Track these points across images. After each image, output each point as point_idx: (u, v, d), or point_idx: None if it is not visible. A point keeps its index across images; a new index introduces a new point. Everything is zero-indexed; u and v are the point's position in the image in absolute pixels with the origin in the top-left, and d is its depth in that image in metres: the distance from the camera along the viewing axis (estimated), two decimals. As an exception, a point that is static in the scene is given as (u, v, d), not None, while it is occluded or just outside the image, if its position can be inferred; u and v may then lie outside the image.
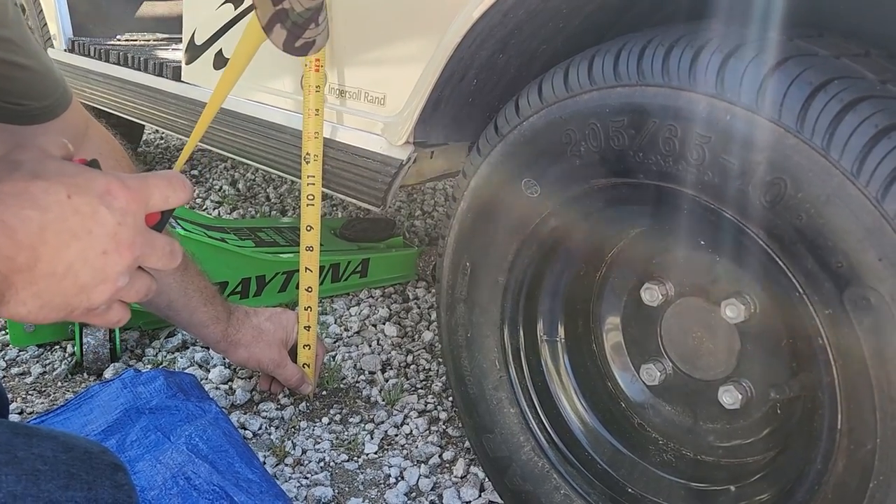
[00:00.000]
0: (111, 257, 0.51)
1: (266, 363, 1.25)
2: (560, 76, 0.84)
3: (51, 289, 0.50)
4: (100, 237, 0.50)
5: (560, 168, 0.84)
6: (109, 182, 0.51)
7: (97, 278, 0.51)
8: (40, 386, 1.35)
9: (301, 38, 0.98)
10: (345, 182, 1.20)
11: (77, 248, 0.50)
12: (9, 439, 0.74)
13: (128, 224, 0.52)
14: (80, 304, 0.52)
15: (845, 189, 0.63)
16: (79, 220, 0.49)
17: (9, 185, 0.49)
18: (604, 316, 1.00)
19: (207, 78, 1.50)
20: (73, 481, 0.75)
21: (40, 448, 0.75)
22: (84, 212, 0.50)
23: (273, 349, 1.24)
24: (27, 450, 0.74)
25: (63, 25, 2.08)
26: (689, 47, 0.73)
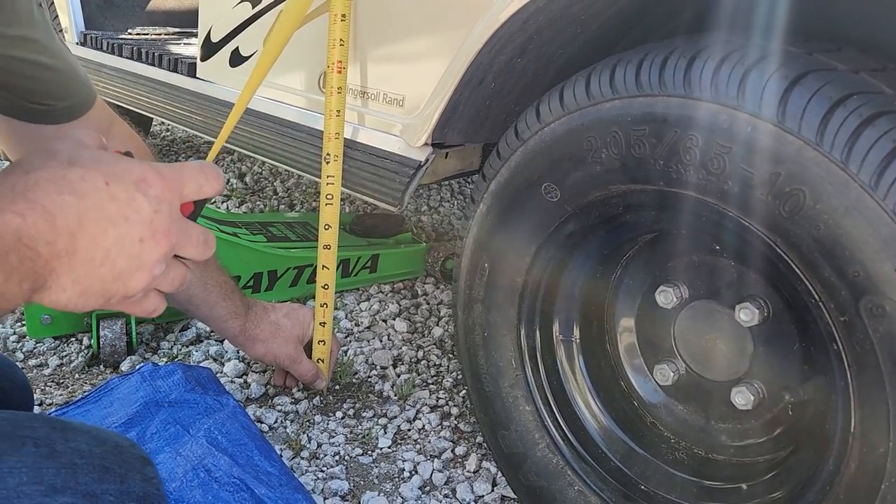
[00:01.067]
0: (147, 245, 0.51)
1: (283, 359, 1.27)
2: (582, 84, 0.86)
3: (90, 275, 0.50)
4: (136, 224, 0.50)
5: (580, 174, 0.86)
6: (145, 170, 0.51)
7: (134, 265, 0.51)
8: (58, 378, 1.38)
9: None
10: (362, 182, 1.22)
11: (114, 235, 0.49)
12: (47, 433, 0.76)
13: (163, 212, 0.51)
14: (117, 291, 0.52)
15: (863, 201, 0.65)
16: (116, 207, 0.49)
17: (47, 172, 0.49)
18: (618, 317, 1.02)
19: (223, 75, 1.51)
20: (107, 474, 0.77)
21: (76, 442, 0.78)
22: (121, 199, 0.49)
23: (290, 345, 1.26)
24: (64, 444, 0.77)
25: (75, 18, 2.09)
26: (710, 59, 0.75)
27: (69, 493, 0.72)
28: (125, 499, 0.78)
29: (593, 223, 0.91)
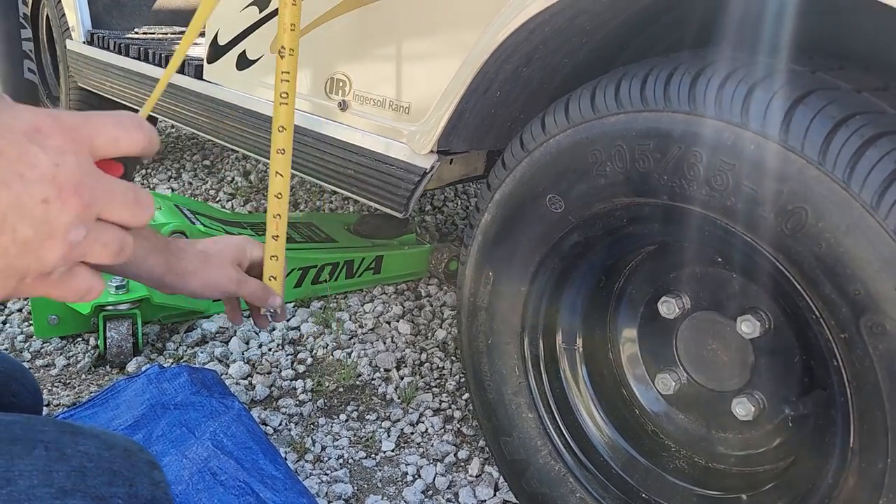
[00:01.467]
0: (53, 205, 0.42)
1: (225, 283, 1.05)
2: (587, 97, 0.86)
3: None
4: (34, 182, 0.41)
5: (584, 186, 0.87)
6: (39, 118, 0.43)
7: (41, 232, 0.42)
8: (65, 378, 1.39)
9: None
10: (368, 187, 1.23)
11: (7, 198, 0.41)
12: (57, 437, 0.77)
13: (68, 165, 0.42)
14: (27, 266, 0.42)
15: (865, 221, 0.66)
16: (4, 165, 0.41)
17: None
18: (621, 326, 1.03)
19: (230, 78, 1.52)
20: (116, 478, 0.78)
21: (85, 446, 0.79)
22: (9, 154, 0.41)
23: (227, 269, 1.06)
24: (74, 447, 0.78)
25: (82, 17, 2.09)
26: (715, 76, 0.75)
27: (79, 495, 0.73)
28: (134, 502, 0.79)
29: (597, 234, 0.92)
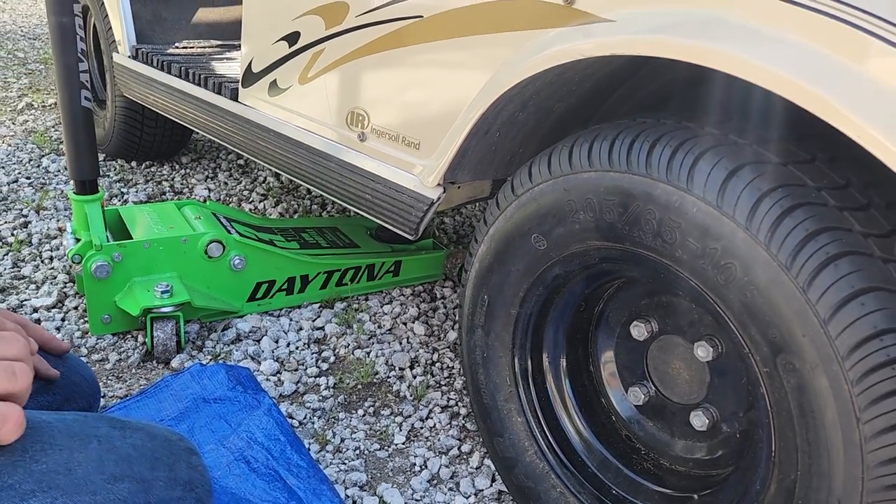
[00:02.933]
0: None
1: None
2: (566, 154, 1.01)
3: None
4: None
5: (563, 229, 1.02)
6: None
7: None
8: (118, 372, 1.58)
9: None
10: (383, 211, 1.38)
11: None
12: (108, 432, 0.94)
13: None
14: None
15: (780, 278, 0.79)
16: None
17: None
18: (600, 345, 1.17)
19: (262, 103, 1.68)
20: (158, 463, 0.95)
21: (132, 438, 0.96)
22: None
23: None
24: (122, 440, 0.95)
25: (127, 33, 2.27)
26: (668, 146, 0.89)
27: (127, 480, 0.89)
28: (173, 484, 0.96)
29: (575, 269, 1.06)
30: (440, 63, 1.22)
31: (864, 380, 0.76)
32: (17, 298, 1.79)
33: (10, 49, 4.52)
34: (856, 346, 0.76)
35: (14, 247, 2.05)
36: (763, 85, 0.78)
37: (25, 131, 3.09)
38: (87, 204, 1.65)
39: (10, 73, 4.02)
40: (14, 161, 2.72)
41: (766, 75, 0.77)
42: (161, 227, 1.73)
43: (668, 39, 0.85)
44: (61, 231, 2.17)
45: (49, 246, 2.08)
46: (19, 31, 5.16)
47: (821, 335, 0.77)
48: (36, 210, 2.30)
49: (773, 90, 0.77)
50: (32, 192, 2.45)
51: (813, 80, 0.75)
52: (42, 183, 2.54)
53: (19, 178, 2.56)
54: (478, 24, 1.13)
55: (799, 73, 0.76)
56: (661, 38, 0.86)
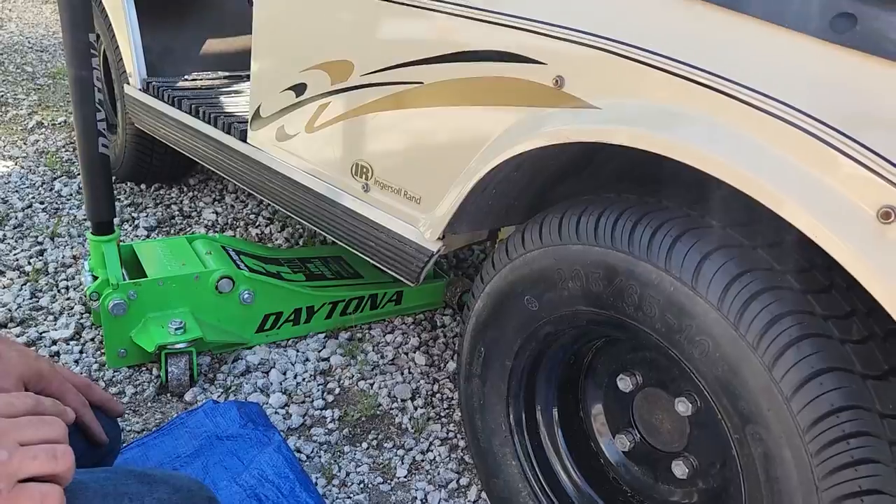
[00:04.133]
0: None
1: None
2: (556, 224, 1.08)
3: None
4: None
5: (553, 294, 1.10)
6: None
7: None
8: (134, 405, 1.66)
9: None
10: (386, 258, 1.46)
11: None
12: (138, 489, 1.02)
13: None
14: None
15: (748, 356, 0.87)
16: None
17: None
18: (589, 394, 1.25)
19: (270, 146, 1.76)
20: (183, 516, 1.03)
21: (159, 492, 1.04)
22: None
23: (8, 380, 1.08)
24: (150, 495, 1.03)
25: (138, 66, 2.34)
26: (648, 227, 0.97)
27: None
28: (197, 534, 1.04)
29: (565, 328, 1.14)
30: (439, 126, 1.29)
31: (822, 452, 0.84)
32: (36, 331, 1.87)
33: (18, 63, 4.59)
34: (815, 422, 0.84)
35: (32, 276, 2.13)
36: (728, 182, 0.86)
37: (37, 152, 3.16)
38: (104, 244, 1.73)
39: (19, 88, 4.09)
40: (27, 185, 2.80)
41: (731, 174, 0.85)
42: (174, 264, 1.81)
43: (647, 134, 0.93)
44: (76, 259, 2.25)
45: (65, 275, 2.16)
46: (26, 42, 5.22)
47: (784, 410, 0.85)
48: (51, 237, 2.38)
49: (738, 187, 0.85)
50: (46, 218, 2.53)
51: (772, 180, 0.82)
52: (55, 208, 2.62)
53: (33, 202, 2.64)
54: (474, 96, 1.21)
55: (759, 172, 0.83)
56: (641, 131, 0.94)
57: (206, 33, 2.53)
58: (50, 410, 0.83)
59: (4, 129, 3.46)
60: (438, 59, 1.25)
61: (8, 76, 4.32)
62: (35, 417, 0.78)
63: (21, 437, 0.72)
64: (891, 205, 0.76)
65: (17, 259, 2.22)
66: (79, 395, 1.14)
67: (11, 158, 3.07)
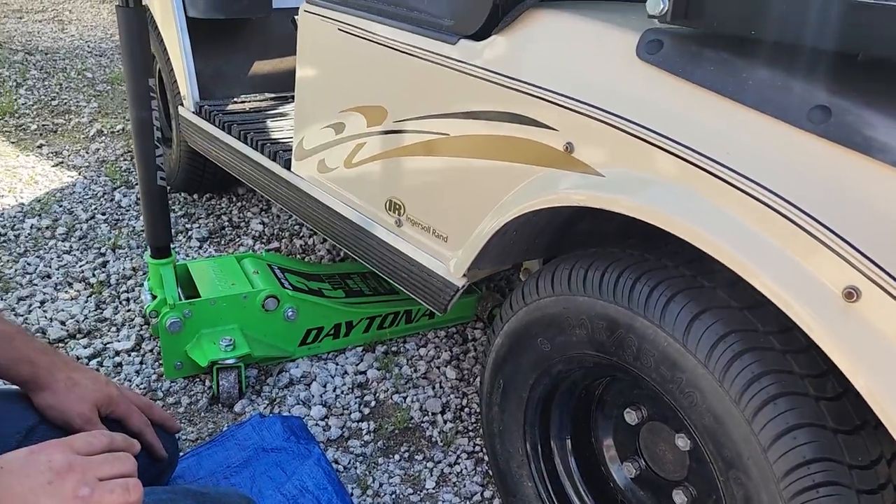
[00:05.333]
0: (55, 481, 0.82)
1: (74, 418, 1.18)
2: (565, 276, 1.19)
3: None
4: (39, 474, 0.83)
5: (562, 338, 1.21)
6: None
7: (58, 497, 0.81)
8: (189, 415, 1.83)
9: None
10: (416, 289, 1.58)
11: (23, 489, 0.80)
12: (195, 508, 1.17)
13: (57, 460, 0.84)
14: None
15: (731, 409, 0.97)
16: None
17: None
18: (599, 423, 1.36)
19: (311, 176, 1.89)
20: (232, 530, 1.18)
21: (212, 510, 1.18)
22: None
23: (84, 406, 1.19)
24: (205, 513, 1.17)
25: (192, 89, 2.50)
26: (647, 285, 1.07)
27: None
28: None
29: (574, 367, 1.25)
30: (464, 175, 1.41)
31: (795, 499, 0.93)
32: (101, 342, 2.05)
33: (79, 69, 4.83)
34: (789, 472, 0.93)
35: (96, 288, 2.32)
36: (714, 255, 0.95)
37: (98, 161, 3.37)
38: (161, 266, 1.90)
39: (80, 95, 4.32)
40: (90, 195, 3.00)
41: (716, 250, 0.95)
42: (224, 284, 1.97)
43: (643, 207, 1.03)
44: (135, 271, 2.43)
45: (126, 287, 2.34)
46: (86, 46, 5.47)
47: (762, 459, 0.95)
48: (112, 248, 2.57)
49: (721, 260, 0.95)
50: (108, 230, 2.72)
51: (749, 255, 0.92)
52: (116, 219, 2.81)
53: (95, 213, 2.84)
54: (494, 151, 1.31)
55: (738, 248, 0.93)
56: (638, 204, 1.04)
57: (254, 56, 2.67)
58: (122, 446, 0.98)
59: (69, 137, 3.68)
60: (462, 114, 1.36)
61: (71, 82, 4.56)
62: (110, 455, 0.92)
63: (100, 474, 0.87)
64: (854, 285, 0.85)
65: (83, 271, 2.42)
66: (142, 416, 1.30)
67: (75, 168, 3.28)
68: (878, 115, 0.87)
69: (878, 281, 0.83)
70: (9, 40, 5.45)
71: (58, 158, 3.38)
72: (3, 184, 3.07)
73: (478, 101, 1.33)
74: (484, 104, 1.31)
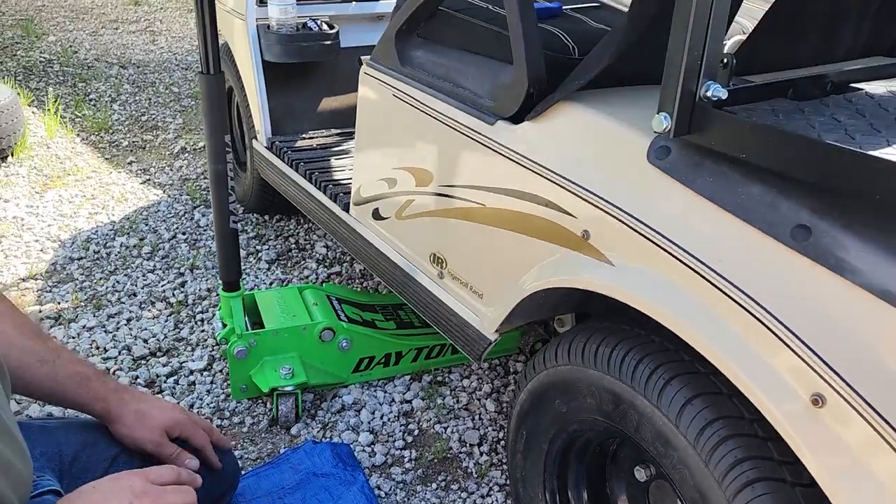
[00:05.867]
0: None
1: (147, 444, 1.37)
2: (579, 349, 1.32)
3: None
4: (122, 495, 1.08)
5: (576, 404, 1.33)
6: None
7: None
8: (251, 435, 2.03)
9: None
10: (455, 337, 1.73)
11: None
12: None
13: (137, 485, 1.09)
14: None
15: (714, 488, 1.08)
16: None
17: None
18: (612, 477, 1.48)
19: (367, 222, 2.06)
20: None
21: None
22: None
23: (155, 433, 1.38)
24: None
25: (265, 125, 2.71)
26: (648, 367, 1.19)
27: None
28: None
29: (588, 428, 1.38)
30: (497, 242, 1.55)
31: (767, 574, 1.04)
32: (178, 360, 2.29)
33: (167, 83, 5.16)
34: (763, 549, 1.04)
35: (175, 308, 2.56)
36: (701, 352, 1.07)
37: (181, 179, 3.65)
38: (231, 299, 2.11)
39: (167, 111, 4.64)
40: (172, 214, 3.27)
41: (703, 348, 1.06)
42: (286, 315, 2.17)
43: (642, 300, 1.15)
44: (210, 292, 2.66)
45: (201, 307, 2.58)
46: (174, 59, 5.83)
47: (740, 536, 1.06)
48: (190, 269, 2.82)
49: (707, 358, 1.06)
50: (187, 250, 2.97)
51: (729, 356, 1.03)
52: (195, 239, 3.06)
53: (177, 233, 3.10)
54: (524, 227, 1.45)
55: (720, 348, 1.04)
56: (638, 297, 1.16)
57: (322, 93, 2.87)
58: (186, 480, 1.17)
59: (155, 154, 3.99)
60: (497, 189, 1.50)
61: (159, 97, 4.89)
62: (176, 486, 1.12)
63: (167, 500, 1.08)
64: (820, 392, 0.95)
65: (164, 290, 2.67)
66: (204, 435, 1.50)
67: (160, 186, 3.57)
68: (854, 239, 0.97)
69: (842, 392, 0.94)
70: (105, 53, 5.85)
71: (145, 175, 3.68)
72: (97, 201, 3.38)
73: (510, 180, 1.47)
74: (515, 183, 1.45)
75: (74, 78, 5.16)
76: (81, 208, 3.30)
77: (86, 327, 2.44)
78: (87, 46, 6.02)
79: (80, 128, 4.25)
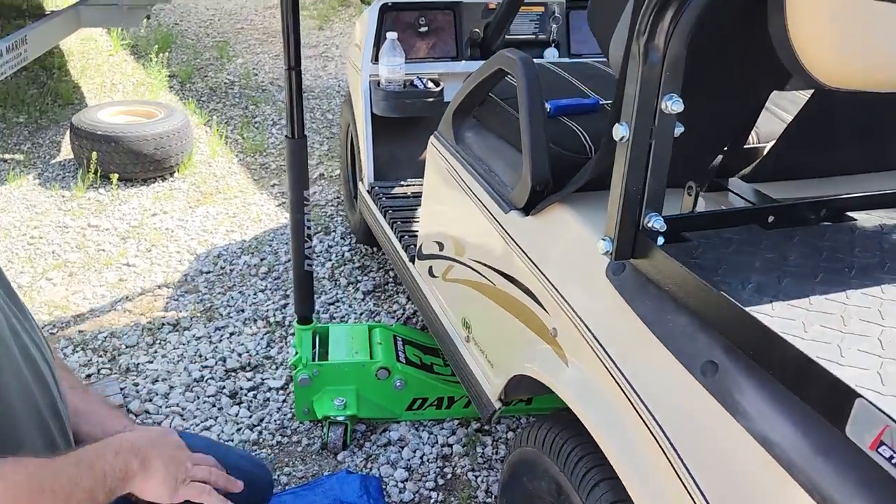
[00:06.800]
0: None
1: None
2: (542, 434, 1.42)
3: None
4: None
5: (535, 484, 1.44)
6: None
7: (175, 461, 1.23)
8: (304, 455, 2.28)
9: None
10: (473, 398, 1.88)
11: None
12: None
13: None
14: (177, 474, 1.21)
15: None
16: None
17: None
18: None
19: (423, 276, 2.25)
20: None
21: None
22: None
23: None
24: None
25: (368, 171, 2.99)
26: (585, 466, 1.27)
27: None
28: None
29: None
30: (498, 319, 1.68)
31: None
32: (260, 377, 2.60)
33: (324, 110, 5.66)
34: None
35: (272, 327, 2.89)
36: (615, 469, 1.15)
37: (311, 204, 4.03)
38: (303, 331, 2.38)
39: (316, 136, 5.10)
40: (294, 238, 3.64)
41: (617, 467, 1.14)
42: (350, 351, 2.41)
43: (578, 405, 1.24)
44: (305, 316, 2.97)
45: (293, 330, 2.88)
46: (337, 85, 6.34)
47: None
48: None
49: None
50: (297, 273, 3.32)
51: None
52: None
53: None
54: (517, 312, 1.57)
55: (624, 465, 1.11)
56: (577, 402, 1.25)
57: (423, 142, 3.09)
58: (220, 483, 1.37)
59: (295, 178, 4.42)
60: (503, 273, 1.63)
61: (313, 123, 5.38)
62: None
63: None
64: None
65: (267, 310, 3.01)
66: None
67: (291, 210, 3.97)
68: (753, 382, 1.02)
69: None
70: (279, 77, 6.49)
71: (282, 199, 4.10)
72: (236, 220, 3.84)
73: (512, 267, 1.59)
74: (514, 271, 1.58)
75: (247, 100, 5.79)
76: (221, 225, 3.76)
77: (195, 336, 2.83)
78: (267, 69, 6.69)
79: (240, 149, 4.79)
